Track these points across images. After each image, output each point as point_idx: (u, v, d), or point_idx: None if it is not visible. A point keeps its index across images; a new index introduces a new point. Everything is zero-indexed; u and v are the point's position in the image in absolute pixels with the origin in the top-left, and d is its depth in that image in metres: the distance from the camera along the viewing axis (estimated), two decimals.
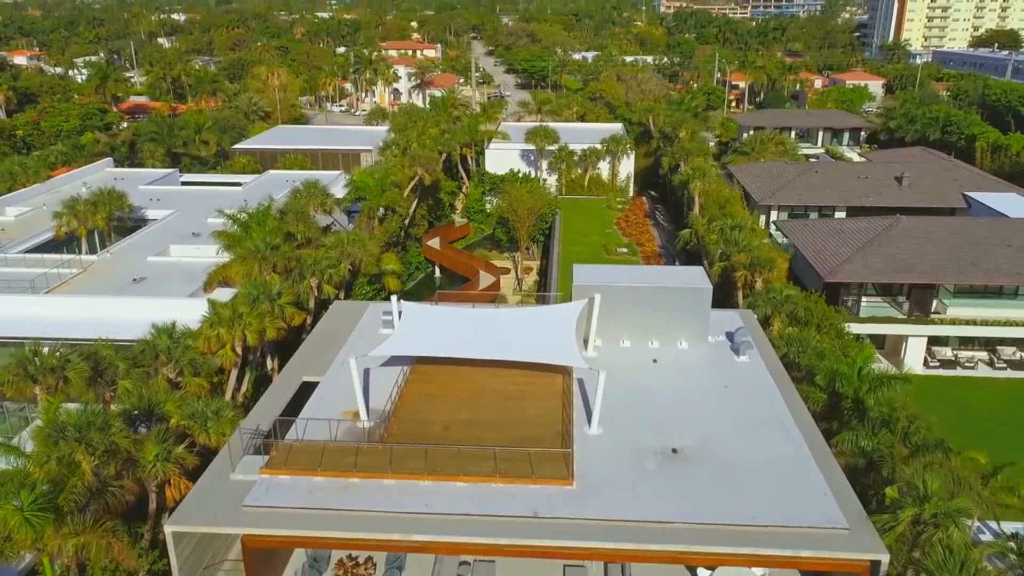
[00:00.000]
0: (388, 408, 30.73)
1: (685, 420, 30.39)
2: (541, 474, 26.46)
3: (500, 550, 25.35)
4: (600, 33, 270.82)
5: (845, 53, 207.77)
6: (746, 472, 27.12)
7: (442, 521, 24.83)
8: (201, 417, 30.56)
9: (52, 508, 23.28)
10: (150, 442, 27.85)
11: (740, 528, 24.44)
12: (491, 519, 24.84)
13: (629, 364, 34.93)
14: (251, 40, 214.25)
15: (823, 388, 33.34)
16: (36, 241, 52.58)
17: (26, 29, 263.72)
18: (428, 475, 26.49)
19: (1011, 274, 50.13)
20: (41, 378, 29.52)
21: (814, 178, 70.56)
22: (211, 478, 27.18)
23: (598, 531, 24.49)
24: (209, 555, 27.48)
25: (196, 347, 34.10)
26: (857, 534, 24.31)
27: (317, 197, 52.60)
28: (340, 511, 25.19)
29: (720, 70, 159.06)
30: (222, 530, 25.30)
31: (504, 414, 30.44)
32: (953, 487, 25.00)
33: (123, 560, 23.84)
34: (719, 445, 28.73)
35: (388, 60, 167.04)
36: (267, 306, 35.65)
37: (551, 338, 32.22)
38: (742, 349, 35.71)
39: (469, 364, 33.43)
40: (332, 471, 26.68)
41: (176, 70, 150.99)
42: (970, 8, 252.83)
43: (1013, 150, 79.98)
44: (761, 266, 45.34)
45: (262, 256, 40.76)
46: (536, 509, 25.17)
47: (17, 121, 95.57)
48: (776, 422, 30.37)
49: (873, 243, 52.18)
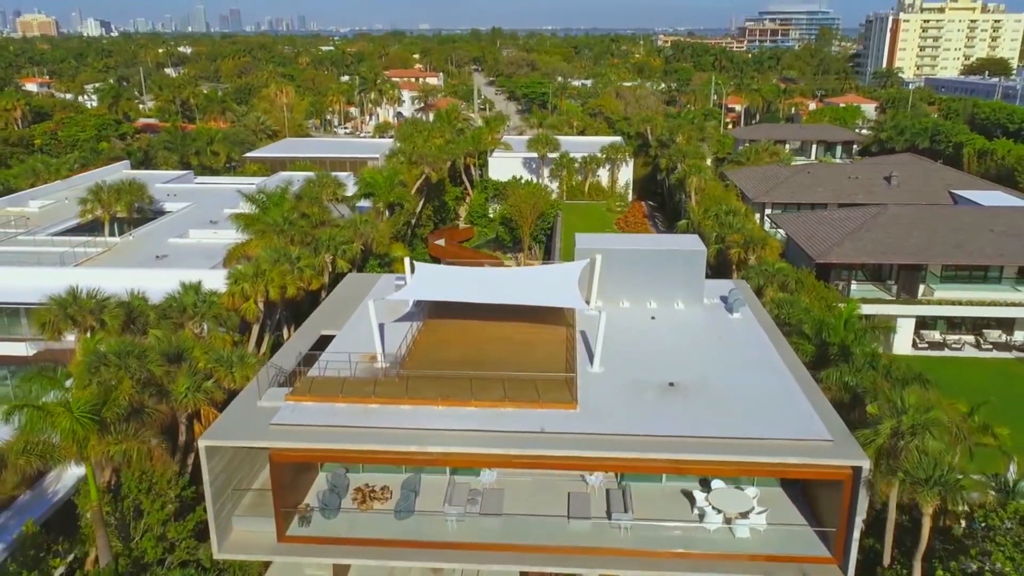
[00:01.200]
0: (402, 352, 32.76)
1: (681, 362, 32.41)
2: (546, 399, 28.44)
3: (509, 462, 27.31)
4: (599, 63, 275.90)
5: (839, 79, 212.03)
6: (738, 400, 29.09)
7: (455, 436, 26.79)
8: (227, 362, 32.60)
9: (97, 420, 25.25)
10: (181, 375, 29.86)
11: (732, 440, 26.42)
12: (501, 434, 26.79)
13: (629, 321, 37.00)
14: (257, 68, 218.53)
15: (811, 339, 35.37)
16: (62, 227, 54.92)
17: (36, 59, 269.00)
18: (442, 400, 28.48)
19: (993, 256, 52.37)
20: (80, 319, 31.57)
21: (806, 178, 73.14)
22: (239, 406, 29.15)
23: (600, 444, 26.45)
24: (236, 479, 29.37)
25: (221, 303, 36.21)
26: (840, 445, 26.27)
27: (330, 186, 55.01)
28: (360, 428, 27.17)
29: (716, 93, 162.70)
30: (251, 443, 27.14)
31: (512, 355, 32.40)
32: (928, 404, 26.91)
33: (162, 464, 25.71)
34: (713, 381, 30.72)
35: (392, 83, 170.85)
36: (287, 266, 37.82)
37: (554, 287, 34.43)
38: (735, 307, 37.82)
39: (478, 317, 35.58)
40: (352, 397, 28.68)
41: (185, 93, 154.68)
42: (961, 38, 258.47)
43: (999, 154, 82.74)
44: (754, 243, 47.59)
45: (280, 229, 43.01)
46: (543, 427, 27.14)
47: (35, 131, 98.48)
48: (767, 363, 32.43)
49: (862, 229, 54.49)
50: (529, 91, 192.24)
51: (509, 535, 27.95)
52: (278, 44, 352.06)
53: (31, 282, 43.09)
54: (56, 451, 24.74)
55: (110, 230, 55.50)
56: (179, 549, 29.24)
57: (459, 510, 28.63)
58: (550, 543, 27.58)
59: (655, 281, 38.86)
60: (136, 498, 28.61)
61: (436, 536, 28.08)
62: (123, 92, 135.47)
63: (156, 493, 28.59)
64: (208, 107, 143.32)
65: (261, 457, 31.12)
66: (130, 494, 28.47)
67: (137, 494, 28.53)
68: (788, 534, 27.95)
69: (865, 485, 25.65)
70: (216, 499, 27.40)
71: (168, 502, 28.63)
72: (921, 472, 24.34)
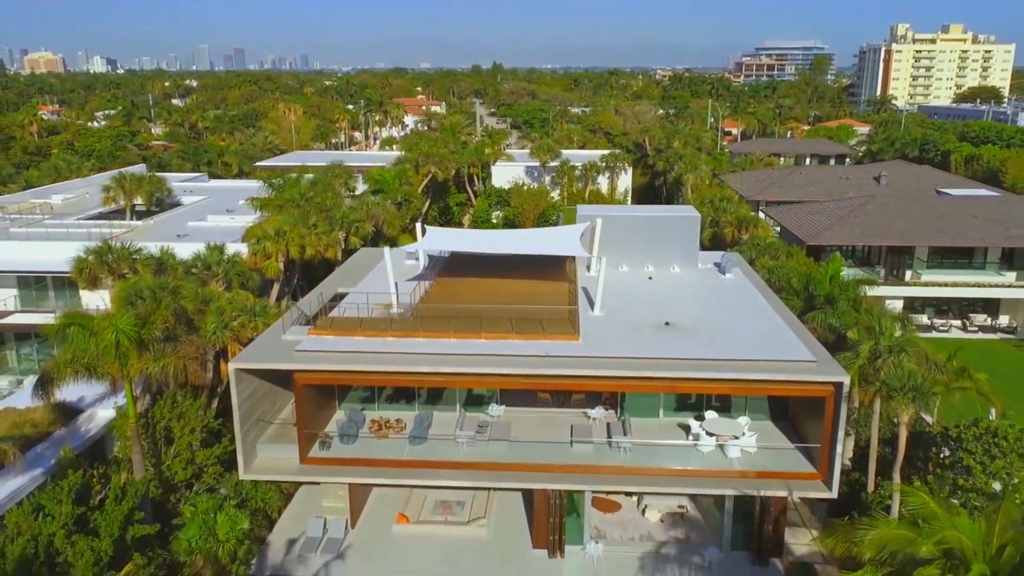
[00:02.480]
0: (415, 302, 34.95)
1: (677, 309, 34.56)
2: (550, 331, 30.59)
3: (516, 383, 29.36)
4: (598, 93, 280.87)
5: (833, 106, 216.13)
6: (730, 335, 31.23)
7: (467, 359, 28.92)
8: (250, 310, 34.81)
9: (137, 339, 27.40)
10: (210, 314, 32.03)
11: (723, 361, 28.57)
12: (509, 357, 28.91)
13: (627, 282, 39.24)
14: (263, 96, 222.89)
15: (799, 293, 37.56)
16: (85, 215, 57.39)
17: (45, 89, 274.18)
18: (454, 333, 30.62)
19: (976, 239, 54.72)
20: (115, 265, 33.84)
21: (799, 179, 75.81)
22: (265, 339, 31.32)
23: (601, 365, 28.57)
24: (260, 412, 31.41)
25: (244, 261, 38.50)
26: (823, 365, 28.42)
27: (342, 176, 57.58)
28: (378, 353, 29.32)
29: (713, 116, 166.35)
30: (277, 366, 29.19)
31: (518, 302, 34.61)
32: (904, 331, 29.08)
33: (197, 378, 27.78)
34: (706, 322, 32.87)
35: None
36: (305, 229, 40.19)
37: (557, 241, 36.83)
38: (728, 269, 40.12)
39: (486, 275, 37.90)
40: (370, 331, 30.84)
41: (193, 117, 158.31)
42: (952, 68, 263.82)
43: (984, 159, 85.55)
44: (747, 223, 49.98)
45: (297, 204, 45.44)
46: (548, 353, 29.26)
47: (52, 141, 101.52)
48: (756, 309, 34.68)
49: (851, 216, 56.93)
50: (530, 117, 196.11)
51: (515, 458, 29.93)
52: (283, 78, 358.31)
53: (58, 255, 45.39)
54: (100, 364, 26.79)
55: (130, 218, 57.94)
56: (206, 475, 31.18)
57: (469, 435, 30.63)
58: (554, 462, 29.56)
59: (652, 246, 41.17)
60: (167, 425, 30.62)
61: (447, 458, 30.08)
62: (135, 112, 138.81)
63: (186, 419, 30.60)
64: (217, 128, 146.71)
65: (282, 397, 33.30)
66: (162, 419, 30.48)
67: (169, 420, 30.55)
68: (776, 455, 29.91)
69: (846, 400, 27.68)
70: (243, 423, 29.45)
71: (197, 427, 30.60)
72: (897, 382, 26.38)
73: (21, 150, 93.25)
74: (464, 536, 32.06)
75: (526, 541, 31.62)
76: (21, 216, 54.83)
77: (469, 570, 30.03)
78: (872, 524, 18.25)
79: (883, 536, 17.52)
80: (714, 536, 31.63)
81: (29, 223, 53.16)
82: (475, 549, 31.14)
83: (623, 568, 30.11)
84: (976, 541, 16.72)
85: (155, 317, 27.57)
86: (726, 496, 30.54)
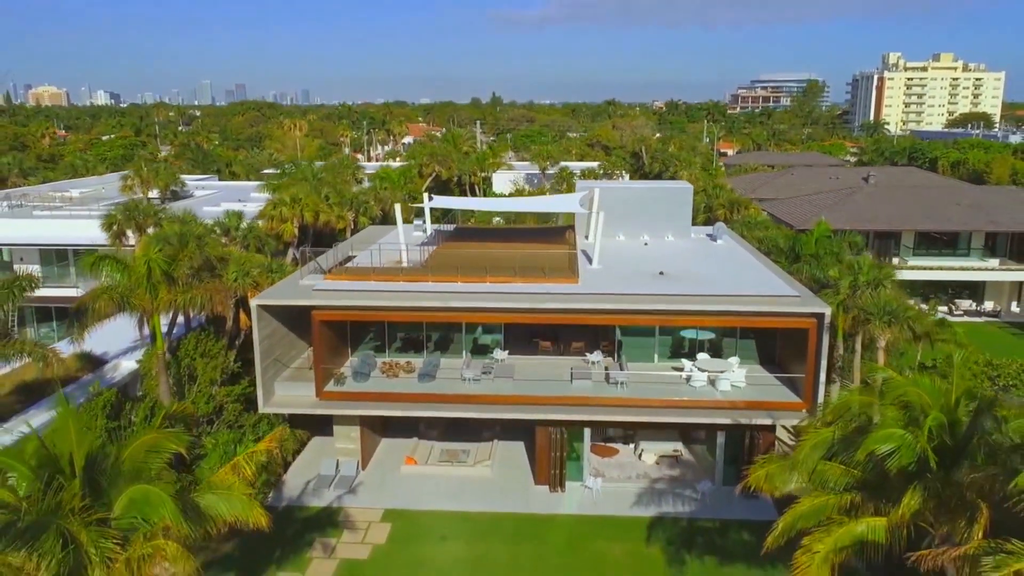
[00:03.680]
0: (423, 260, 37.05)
1: (671, 264, 36.64)
2: (551, 275, 32.66)
3: (520, 317, 31.34)
4: (596, 120, 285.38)
5: (827, 130, 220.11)
6: (720, 280, 33.28)
7: (473, 295, 30.98)
8: (267, 267, 36.89)
9: (167, 274, 29.45)
10: (232, 263, 34.10)
11: (713, 296, 30.62)
12: (512, 293, 30.98)
13: (624, 247, 41.34)
14: (266, 120, 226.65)
15: (786, 253, 39.67)
16: (105, 204, 59.52)
17: (51, 116, 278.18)
18: (461, 277, 32.67)
19: (959, 224, 57.00)
20: (142, 220, 35.99)
21: (790, 179, 78.33)
22: (284, 284, 33.39)
23: (598, 300, 30.61)
24: (278, 353, 33.35)
25: (261, 227, 40.69)
26: (806, 300, 30.46)
27: (349, 168, 60.01)
28: (391, 292, 31.36)
29: (708, 136, 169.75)
30: (296, 302, 31.20)
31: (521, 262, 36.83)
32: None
33: (223, 309, 29.76)
34: (699, 272, 34.97)
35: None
36: (319, 198, 42.48)
37: (557, 202, 39.14)
38: (719, 236, 42.30)
39: (489, 242, 40.10)
40: (383, 276, 32.91)
41: (199, 137, 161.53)
42: (944, 95, 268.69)
43: (970, 163, 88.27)
44: (739, 204, 52.25)
45: (306, 179, 47.74)
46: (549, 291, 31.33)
47: (65, 149, 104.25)
48: (745, 263, 36.83)
49: (839, 204, 59.26)
50: (528, 140, 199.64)
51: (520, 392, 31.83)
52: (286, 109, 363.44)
53: (80, 231, 47.65)
54: (132, 295, 28.76)
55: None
56: (227, 412, 33.01)
57: (475, 373, 32.56)
58: (556, 395, 31.45)
59: (647, 217, 43.23)
60: (191, 364, 32.53)
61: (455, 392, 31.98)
62: (144, 128, 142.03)
63: (209, 356, 32.51)
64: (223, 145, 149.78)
65: (297, 346, 35.30)
66: (186, 357, 32.40)
67: (192, 358, 32.47)
68: (764, 389, 31.81)
69: (827, 331, 29.66)
70: (264, 359, 31.38)
71: (219, 365, 32.51)
72: (874, 307, 28.41)
73: (35, 157, 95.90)
74: (469, 475, 33.86)
75: (528, 479, 33.41)
76: (43, 204, 57.08)
77: (473, 502, 31.71)
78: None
79: (846, 400, 19.42)
80: (707, 474, 33.39)
81: (51, 207, 55.42)
82: (479, 486, 32.91)
83: (621, 500, 31.80)
84: (934, 396, 18.64)
85: (182, 255, 29.60)
86: (718, 435, 32.45)
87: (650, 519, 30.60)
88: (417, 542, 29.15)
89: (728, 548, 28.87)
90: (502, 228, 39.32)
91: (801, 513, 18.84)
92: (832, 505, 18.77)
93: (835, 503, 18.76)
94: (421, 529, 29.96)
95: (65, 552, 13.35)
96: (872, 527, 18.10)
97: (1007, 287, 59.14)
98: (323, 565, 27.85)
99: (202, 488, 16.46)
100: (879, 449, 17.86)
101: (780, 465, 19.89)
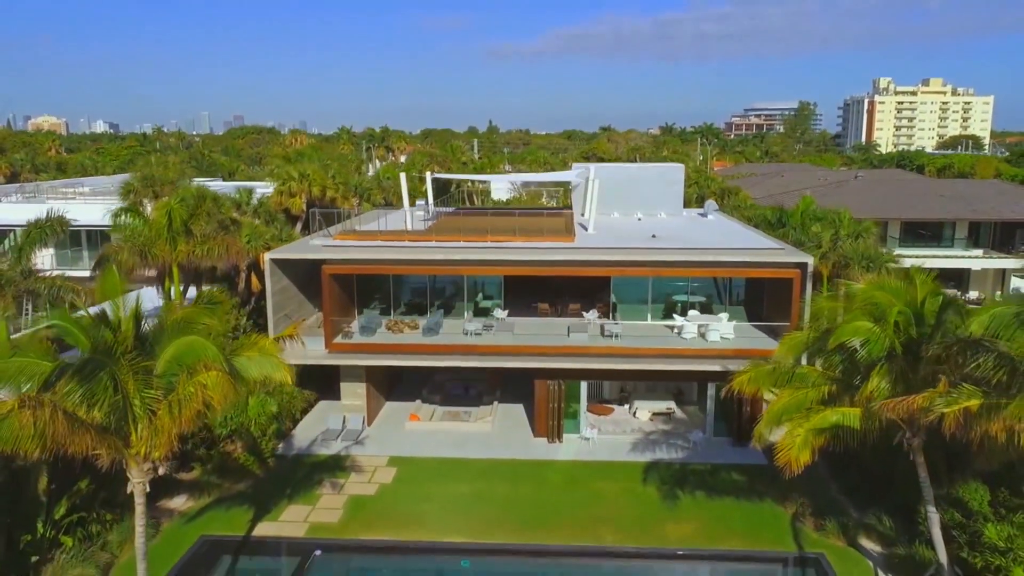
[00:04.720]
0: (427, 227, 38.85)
1: (663, 231, 38.50)
2: (548, 234, 34.44)
3: (519, 269, 33.01)
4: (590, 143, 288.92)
5: (819, 150, 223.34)
6: (710, 242, 35.09)
7: (474, 249, 32.70)
8: (277, 238, 38.60)
9: (185, 228, 31.14)
10: (245, 225, 35.81)
11: (703, 249, 32.39)
12: (511, 248, 32.72)
13: (618, 223, 43.17)
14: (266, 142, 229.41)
15: (773, 225, 41.49)
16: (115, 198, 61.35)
17: (52, 137, 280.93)
18: (463, 237, 34.41)
19: (943, 213, 59.04)
20: (159, 188, 37.71)
21: (780, 180, 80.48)
22: (295, 244, 35.11)
23: (594, 252, 32.35)
24: (288, 310, 34.95)
25: (271, 202, 42.46)
26: (789, 252, 32.25)
27: (353, 162, 61.90)
28: (397, 247, 33.08)
29: (702, 154, 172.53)
30: (307, 256, 32.90)
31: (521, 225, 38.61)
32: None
33: (239, 258, 31.39)
34: (690, 237, 36.81)
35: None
36: (325, 175, 44.34)
37: (554, 174, 40.85)
38: (709, 212, 44.19)
39: (491, 215, 41.89)
40: (389, 236, 34.65)
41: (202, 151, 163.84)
42: (934, 118, 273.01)
43: (956, 167, 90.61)
44: (730, 192, 54.22)
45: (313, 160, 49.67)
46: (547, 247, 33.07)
47: (71, 160, 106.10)
48: (734, 231, 38.66)
49: (828, 194, 61.25)
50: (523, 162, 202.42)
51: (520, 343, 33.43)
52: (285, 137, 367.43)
53: (93, 214, 49.29)
54: (153, 247, 30.41)
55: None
56: None
57: (477, 327, 34.16)
58: (555, 345, 33.04)
59: (641, 195, 45.15)
60: None
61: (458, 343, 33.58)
62: (149, 144, 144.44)
63: (222, 310, 34.01)
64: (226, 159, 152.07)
65: (305, 307, 36.90)
66: None
67: None
68: (751, 340, 33.39)
69: (810, 279, 31.38)
70: (275, 312, 33.00)
71: (231, 319, 34.03)
72: (853, 254, 30.16)
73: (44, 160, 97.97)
74: (470, 430, 35.29)
75: (528, 433, 34.87)
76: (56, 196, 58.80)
77: (474, 452, 33.12)
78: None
79: (819, 306, 21.07)
80: (699, 427, 34.88)
81: (65, 198, 57.15)
82: (480, 439, 34.34)
83: (617, 449, 33.25)
84: (900, 296, 20.31)
85: (200, 209, 31.32)
86: (709, 386, 33.99)
87: (645, 464, 32.02)
88: (421, 482, 30.54)
89: (719, 486, 30.25)
90: (502, 206, 40.89)
91: (784, 405, 20.40)
92: (811, 398, 20.35)
93: (814, 396, 20.35)
94: (425, 471, 31.36)
95: (116, 396, 14.85)
96: (846, 415, 19.68)
97: (991, 276, 60.86)
98: (332, 499, 29.25)
99: (235, 349, 18.05)
100: (849, 341, 19.48)
101: (762, 369, 21.42)
